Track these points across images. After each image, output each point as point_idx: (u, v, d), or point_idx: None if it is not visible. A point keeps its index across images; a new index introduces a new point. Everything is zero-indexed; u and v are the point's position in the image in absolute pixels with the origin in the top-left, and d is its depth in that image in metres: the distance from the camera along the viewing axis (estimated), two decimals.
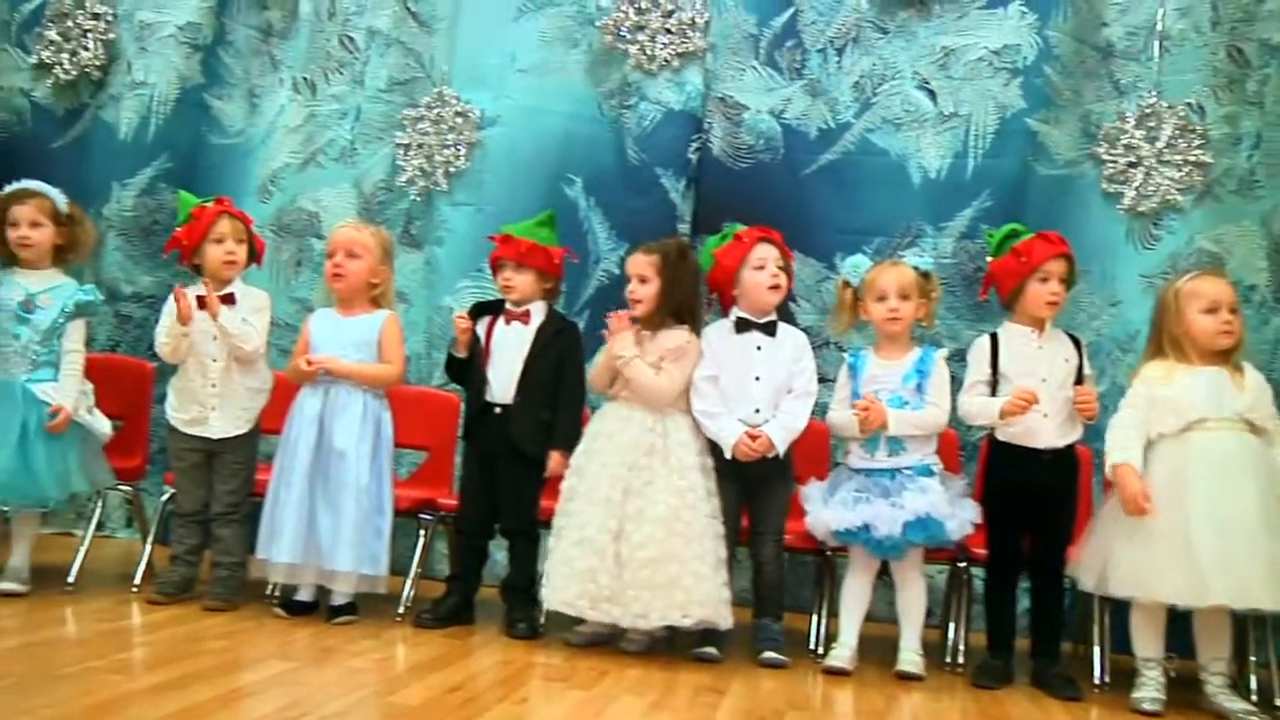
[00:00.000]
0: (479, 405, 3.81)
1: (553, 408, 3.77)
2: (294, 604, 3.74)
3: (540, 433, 3.75)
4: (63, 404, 3.65)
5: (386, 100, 4.84)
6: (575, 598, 3.50)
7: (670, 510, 3.48)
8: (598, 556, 3.48)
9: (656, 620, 3.45)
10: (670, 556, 3.45)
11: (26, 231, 3.74)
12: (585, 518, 3.53)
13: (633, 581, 3.46)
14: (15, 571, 3.72)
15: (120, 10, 5.11)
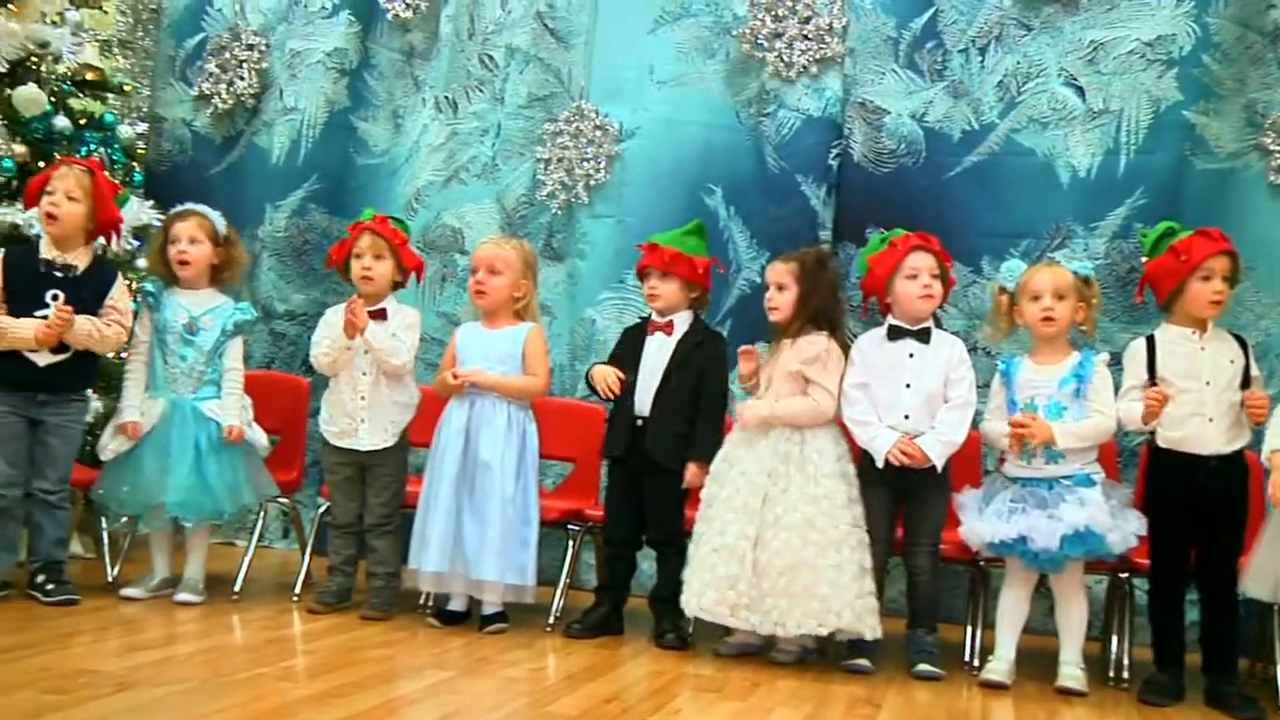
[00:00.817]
0: (622, 416, 3.83)
1: (691, 420, 3.76)
2: (446, 613, 3.80)
3: (677, 445, 3.74)
4: (233, 421, 3.80)
5: (526, 116, 4.91)
6: (714, 604, 3.49)
7: (805, 518, 3.45)
8: (737, 563, 3.46)
9: (794, 629, 3.42)
10: (805, 565, 3.41)
11: (185, 247, 3.89)
12: (724, 524, 3.52)
13: (770, 589, 3.43)
14: (191, 583, 3.87)
15: (273, 40, 5.30)
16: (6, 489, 3.58)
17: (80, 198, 3.67)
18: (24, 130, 4.46)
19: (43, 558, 3.68)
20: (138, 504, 3.80)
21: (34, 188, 3.72)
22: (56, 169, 3.72)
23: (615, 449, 3.84)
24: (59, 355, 3.64)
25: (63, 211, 3.64)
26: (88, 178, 3.71)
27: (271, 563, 4.61)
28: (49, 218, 3.65)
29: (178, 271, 3.89)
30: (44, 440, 3.67)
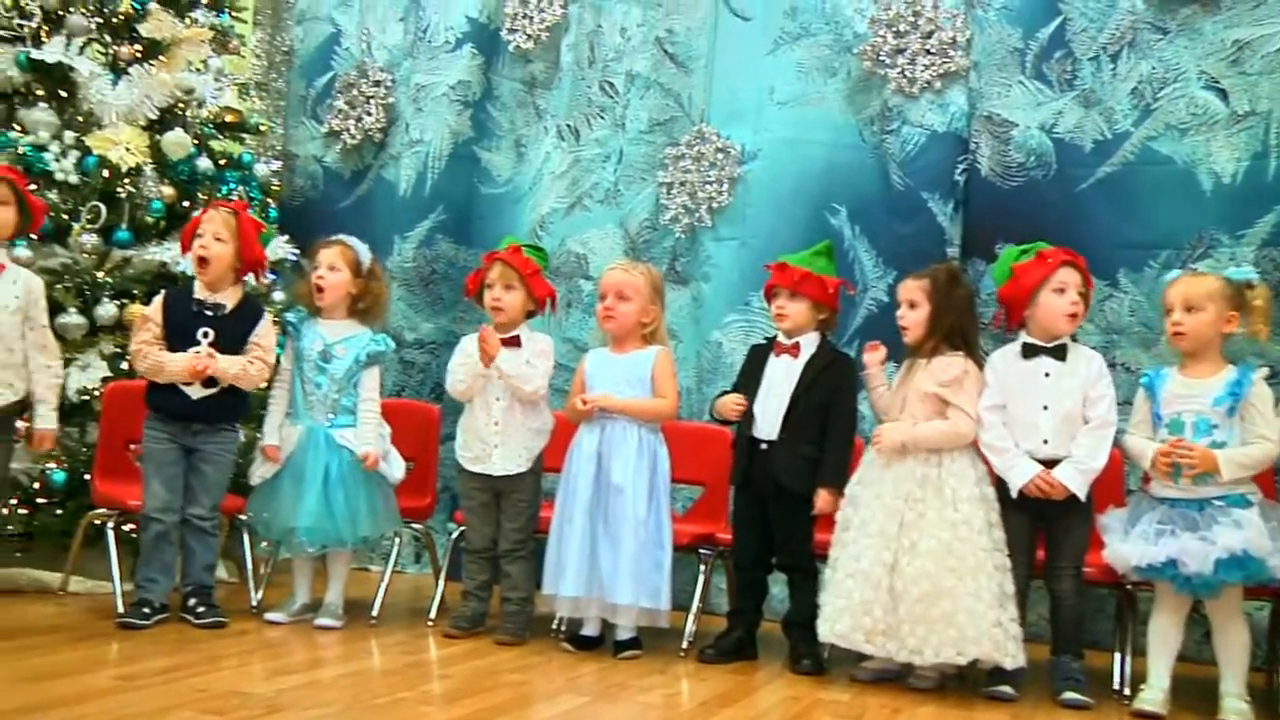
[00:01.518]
0: (747, 440, 3.81)
1: (819, 443, 3.72)
2: (580, 638, 3.82)
3: (805, 469, 3.70)
4: (368, 450, 3.88)
5: (648, 141, 4.95)
6: (850, 630, 3.44)
7: (942, 544, 3.38)
8: (872, 589, 3.41)
9: (932, 657, 3.35)
10: (943, 592, 3.34)
11: (323, 273, 3.99)
12: (860, 549, 3.47)
13: (907, 616, 3.37)
14: (332, 608, 3.96)
15: (398, 75, 5.45)
16: (164, 514, 3.73)
17: (227, 239, 3.81)
18: (171, 172, 4.65)
19: (194, 582, 3.81)
20: (277, 528, 3.92)
21: (189, 232, 3.88)
22: (206, 213, 3.87)
23: (739, 476, 3.83)
24: (210, 389, 3.79)
25: (211, 254, 3.79)
26: (233, 219, 3.85)
27: (404, 587, 4.69)
28: (199, 261, 3.80)
29: (315, 298, 4.00)
30: (198, 468, 3.81)
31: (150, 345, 3.76)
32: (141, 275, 4.54)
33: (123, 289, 4.48)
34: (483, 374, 3.90)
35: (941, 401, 3.52)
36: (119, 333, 4.43)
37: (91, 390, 4.28)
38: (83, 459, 4.24)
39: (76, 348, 4.39)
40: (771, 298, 3.87)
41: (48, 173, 4.45)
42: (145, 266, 4.55)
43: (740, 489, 3.87)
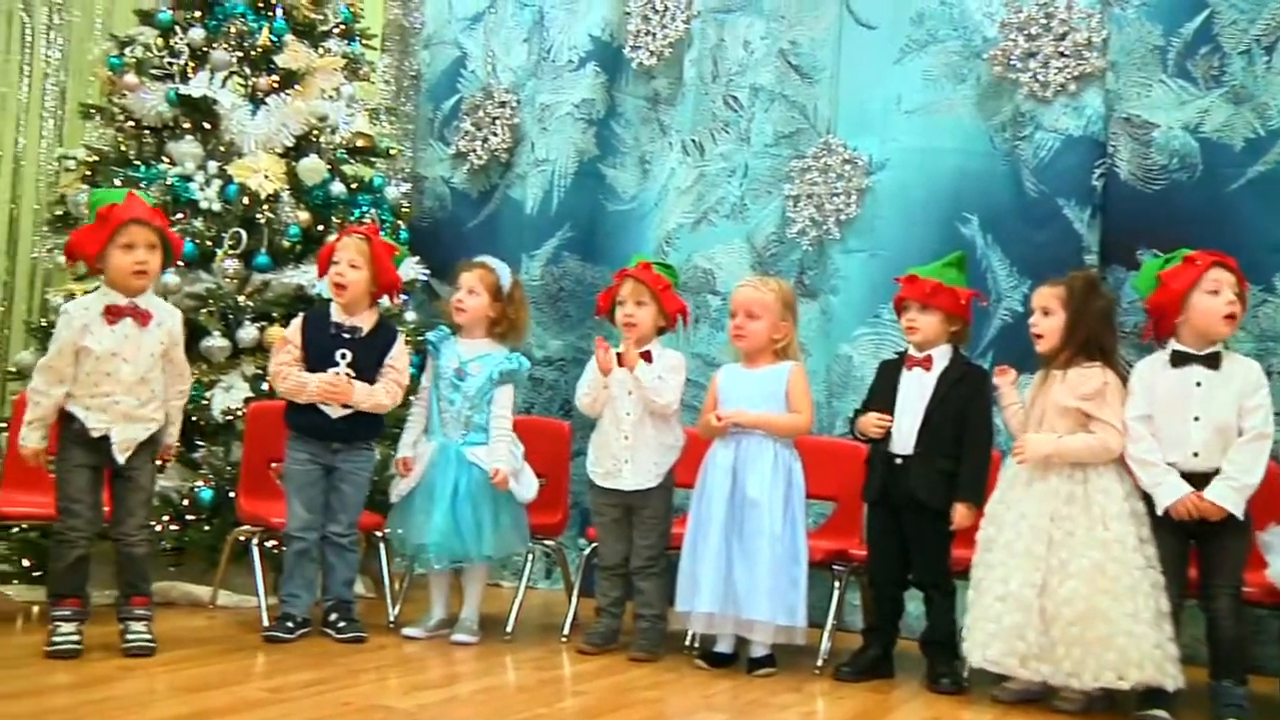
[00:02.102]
0: (881, 455, 3.75)
1: (955, 457, 3.65)
2: (714, 655, 3.80)
3: (942, 484, 3.64)
4: (499, 467, 3.93)
5: (773, 154, 4.92)
6: (1002, 655, 3.36)
7: (1094, 564, 3.28)
8: (1023, 612, 3.33)
9: (1089, 681, 3.26)
10: (1098, 614, 3.24)
11: (462, 297, 4.06)
12: (1007, 571, 3.39)
13: (1061, 638, 3.28)
14: (467, 623, 4.01)
15: (523, 96, 5.52)
16: (305, 532, 3.83)
17: (361, 265, 3.90)
18: (307, 198, 4.80)
19: (334, 597, 3.91)
20: (410, 544, 3.99)
21: (325, 257, 3.99)
22: (340, 239, 3.97)
23: (874, 493, 3.77)
24: (348, 409, 3.88)
25: (348, 280, 3.89)
26: (366, 245, 3.94)
27: (537, 603, 4.73)
28: (337, 287, 3.90)
29: (455, 319, 4.07)
30: (337, 486, 3.91)
31: (290, 366, 3.87)
32: (280, 299, 4.68)
33: (263, 312, 4.62)
34: (605, 385, 3.92)
35: (1082, 415, 3.42)
36: (260, 354, 4.57)
37: (235, 411, 4.43)
38: (228, 477, 4.39)
39: (220, 370, 4.55)
40: (902, 311, 3.82)
41: (193, 201, 4.62)
42: (283, 290, 4.68)
43: (875, 505, 3.81)
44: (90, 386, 3.46)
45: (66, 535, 3.46)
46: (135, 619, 3.52)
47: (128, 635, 3.48)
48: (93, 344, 3.44)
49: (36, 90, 5.45)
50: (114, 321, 3.47)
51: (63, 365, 3.44)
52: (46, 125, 5.49)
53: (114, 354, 3.46)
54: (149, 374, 3.52)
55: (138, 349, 3.50)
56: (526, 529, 4.06)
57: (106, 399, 3.46)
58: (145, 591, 3.57)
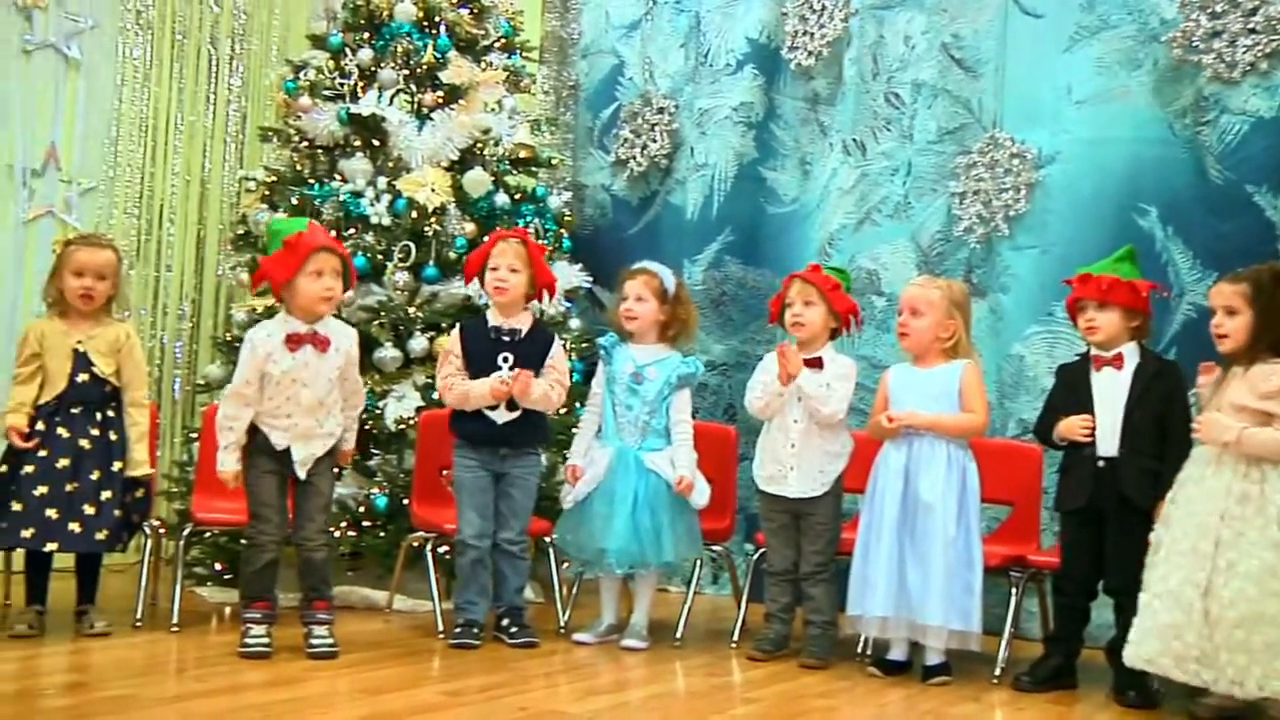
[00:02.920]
0: (1084, 459, 3.61)
1: (1158, 456, 3.50)
2: (886, 663, 3.73)
3: (1149, 483, 3.49)
4: (683, 474, 3.93)
5: (937, 151, 4.80)
6: (1157, 654, 3.22)
7: (1265, 566, 3.10)
8: (1182, 612, 3.17)
9: (1254, 690, 3.08)
10: (1265, 619, 3.06)
11: (631, 305, 4.08)
12: (1169, 569, 3.24)
13: (1224, 643, 3.10)
14: (637, 629, 4.02)
15: (681, 101, 5.53)
16: (478, 540, 3.90)
17: (520, 268, 3.97)
18: (472, 210, 4.90)
19: (507, 603, 3.96)
20: (588, 550, 4.01)
21: (475, 262, 4.06)
22: (494, 244, 4.03)
23: (1079, 499, 3.62)
24: (514, 413, 3.93)
25: (510, 284, 3.95)
26: (524, 248, 4.00)
27: (703, 608, 4.71)
28: (498, 290, 3.96)
29: (626, 326, 4.09)
30: (506, 493, 3.96)
31: (454, 377, 3.95)
32: (448, 309, 4.78)
33: (432, 322, 4.73)
34: (779, 393, 3.88)
35: (1262, 416, 3.22)
36: (430, 364, 4.67)
37: (407, 420, 4.54)
38: (401, 484, 4.51)
39: (392, 380, 4.67)
40: (1077, 312, 3.68)
41: (364, 217, 4.77)
42: (451, 300, 4.79)
43: (1072, 512, 3.67)
44: (273, 408, 3.62)
45: (256, 540, 3.61)
46: (318, 622, 3.64)
47: (311, 639, 3.60)
48: (275, 370, 3.59)
49: (220, 116, 5.71)
50: (295, 349, 3.61)
51: (250, 392, 3.61)
52: (229, 149, 5.74)
53: (294, 379, 3.61)
54: (327, 397, 3.66)
55: (316, 374, 3.63)
56: (700, 534, 4.06)
57: (288, 419, 3.62)
58: (326, 595, 3.69)
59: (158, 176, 5.47)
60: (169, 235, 5.51)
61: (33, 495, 3.65)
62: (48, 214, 5.11)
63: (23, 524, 3.63)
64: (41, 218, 5.09)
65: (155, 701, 3.05)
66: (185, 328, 5.56)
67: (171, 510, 4.78)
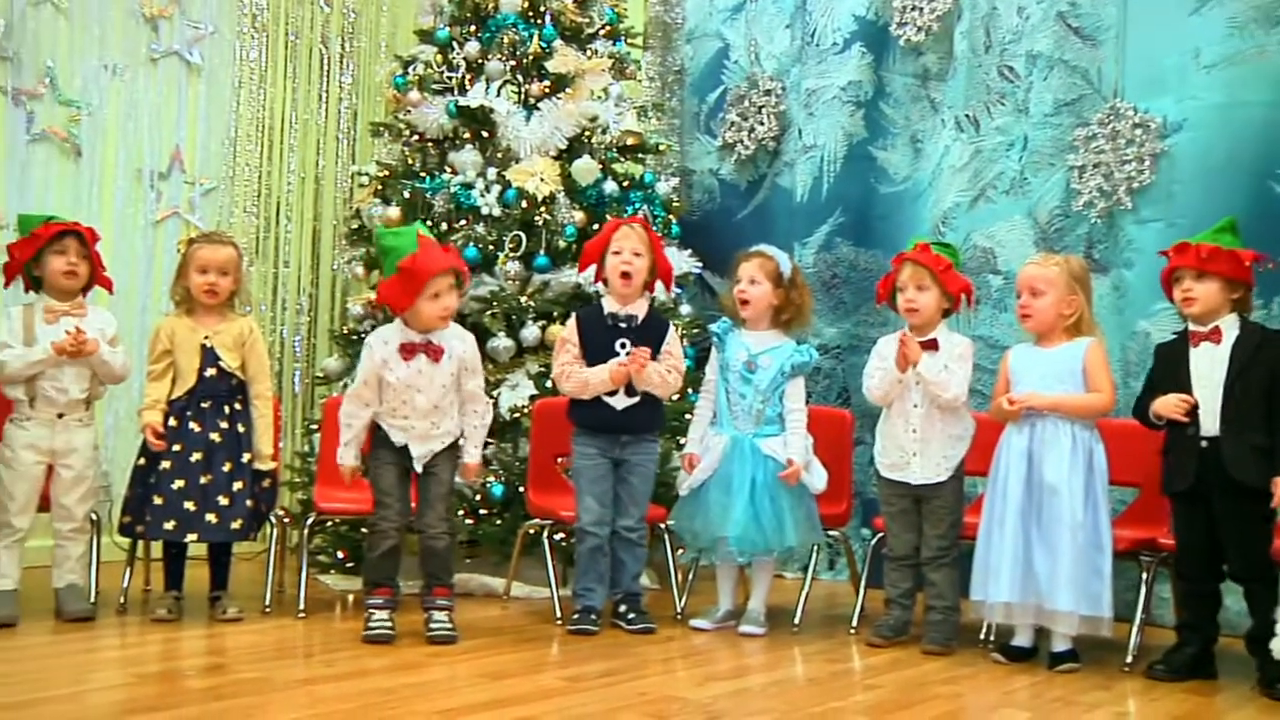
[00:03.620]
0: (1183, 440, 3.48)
1: (1267, 431, 3.36)
2: (1012, 649, 3.64)
3: (1257, 461, 3.34)
4: (795, 460, 3.90)
5: (1054, 124, 4.66)
6: None
7: None
8: None
9: None
10: None
11: (745, 288, 4.04)
12: None
13: None
14: (755, 615, 4.00)
15: (788, 82, 5.47)
16: (598, 527, 3.92)
17: (644, 252, 3.96)
18: (580, 198, 4.92)
19: (624, 590, 3.98)
20: (706, 537, 4.00)
21: (595, 248, 4.05)
22: (616, 229, 4.01)
23: (1183, 481, 3.50)
24: (632, 399, 3.94)
25: (634, 268, 3.95)
26: (646, 234, 3.99)
27: (820, 594, 4.67)
28: (624, 276, 3.95)
29: (739, 310, 4.06)
30: (625, 479, 3.98)
31: (571, 365, 3.96)
32: (559, 297, 4.81)
33: (544, 311, 4.77)
34: (899, 379, 3.82)
35: None
36: (543, 352, 4.72)
37: (521, 408, 4.59)
38: (517, 472, 4.56)
39: (505, 369, 4.72)
40: (1174, 284, 3.55)
41: (474, 208, 4.82)
42: (562, 289, 4.81)
43: (1180, 495, 3.54)
44: (390, 410, 3.70)
45: (379, 526, 3.68)
46: (438, 608, 3.69)
47: (431, 624, 3.66)
48: (390, 376, 3.67)
49: (332, 114, 5.84)
50: (409, 358, 3.68)
51: (368, 393, 3.70)
52: (341, 146, 5.87)
53: (409, 385, 3.68)
54: (442, 401, 3.72)
55: (431, 381, 3.69)
56: (820, 520, 4.02)
57: (404, 420, 3.70)
58: (447, 582, 3.75)
59: (274, 175, 5.63)
60: (286, 232, 5.67)
61: (171, 489, 3.78)
62: (173, 214, 5.30)
63: (165, 517, 3.77)
64: (168, 218, 5.28)
65: (287, 684, 3.13)
66: (303, 322, 5.71)
67: (295, 500, 4.92)
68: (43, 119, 4.92)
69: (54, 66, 4.94)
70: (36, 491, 3.80)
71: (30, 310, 3.84)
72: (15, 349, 3.76)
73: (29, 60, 4.88)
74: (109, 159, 5.11)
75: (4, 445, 3.80)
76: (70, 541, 3.85)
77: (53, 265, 3.83)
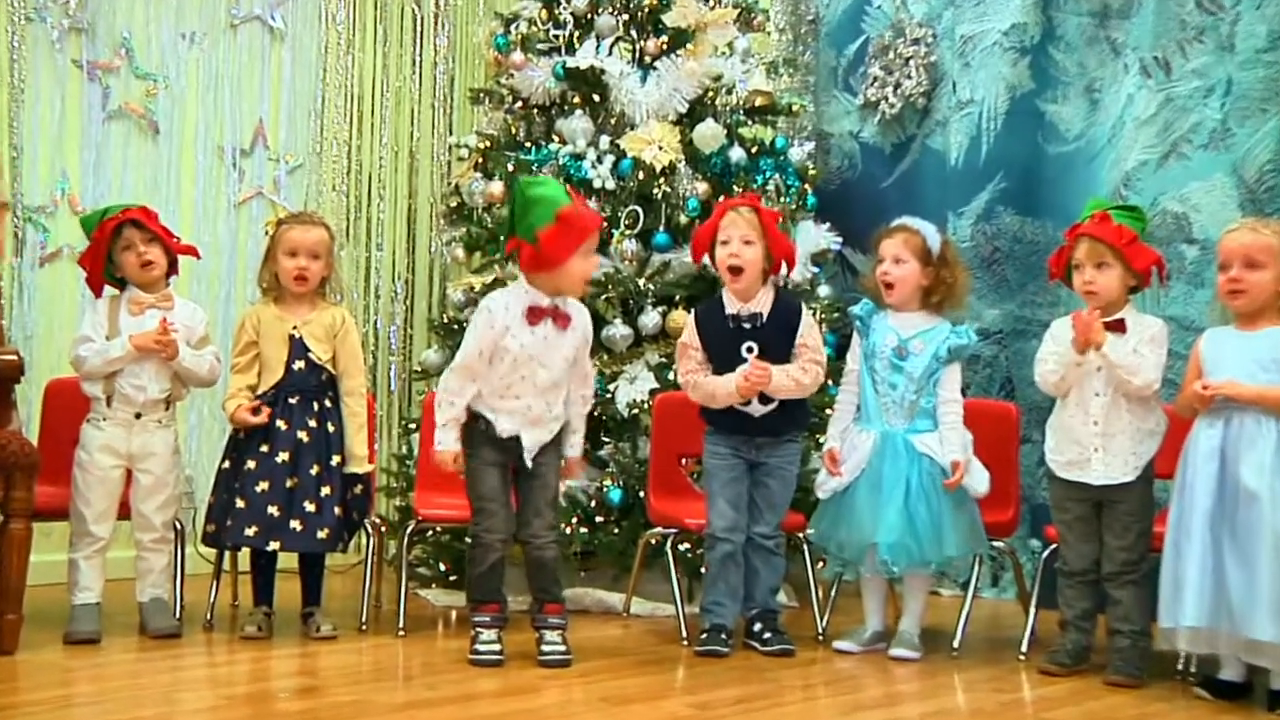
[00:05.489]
0: None
1: None
2: (1217, 683, 3.51)
3: None
4: (955, 458, 3.84)
5: (1267, 62, 4.46)
6: None
7: None
8: None
9: None
10: None
11: (889, 267, 3.99)
12: None
13: None
14: (908, 636, 3.95)
15: (940, 29, 5.37)
16: (731, 534, 3.90)
17: (755, 239, 3.92)
18: (704, 167, 4.90)
19: (760, 606, 3.95)
20: (852, 547, 3.96)
21: (704, 238, 4.03)
22: (722, 215, 3.99)
23: None
24: (768, 406, 3.91)
25: (744, 260, 3.91)
26: (756, 216, 3.94)
27: (982, 614, 4.57)
28: (732, 271, 3.93)
29: (884, 295, 4.01)
30: (762, 482, 3.96)
31: (695, 374, 3.96)
32: (681, 280, 4.81)
33: (665, 295, 4.77)
34: (1077, 362, 3.73)
35: None
36: (664, 341, 4.73)
37: (640, 403, 4.59)
38: (636, 475, 4.57)
39: (623, 360, 4.74)
40: None
41: (586, 181, 4.84)
42: (684, 270, 4.81)
43: None
44: (501, 389, 3.69)
45: (483, 538, 3.72)
46: (549, 627, 3.72)
47: (543, 645, 3.69)
48: (513, 344, 3.67)
49: (427, 80, 5.93)
50: (536, 323, 3.69)
51: (480, 366, 3.68)
52: (437, 115, 5.96)
53: (531, 357, 3.68)
54: (562, 378, 3.73)
55: (555, 352, 3.70)
56: (982, 527, 3.96)
57: (517, 402, 3.69)
58: (558, 598, 3.78)
59: (364, 149, 5.75)
60: (379, 212, 5.78)
61: (254, 492, 3.88)
62: (257, 195, 5.44)
63: (247, 522, 3.87)
64: (251, 199, 5.43)
65: (387, 709, 3.19)
66: (399, 310, 5.82)
67: (392, 507, 5.01)
68: (119, 94, 5.09)
69: (130, 37, 5.11)
70: (115, 498, 3.93)
71: (116, 302, 3.99)
72: (96, 344, 3.90)
73: (104, 31, 5.06)
74: (188, 136, 5.27)
75: (80, 449, 3.94)
76: (152, 553, 3.97)
77: (127, 263, 3.96)
